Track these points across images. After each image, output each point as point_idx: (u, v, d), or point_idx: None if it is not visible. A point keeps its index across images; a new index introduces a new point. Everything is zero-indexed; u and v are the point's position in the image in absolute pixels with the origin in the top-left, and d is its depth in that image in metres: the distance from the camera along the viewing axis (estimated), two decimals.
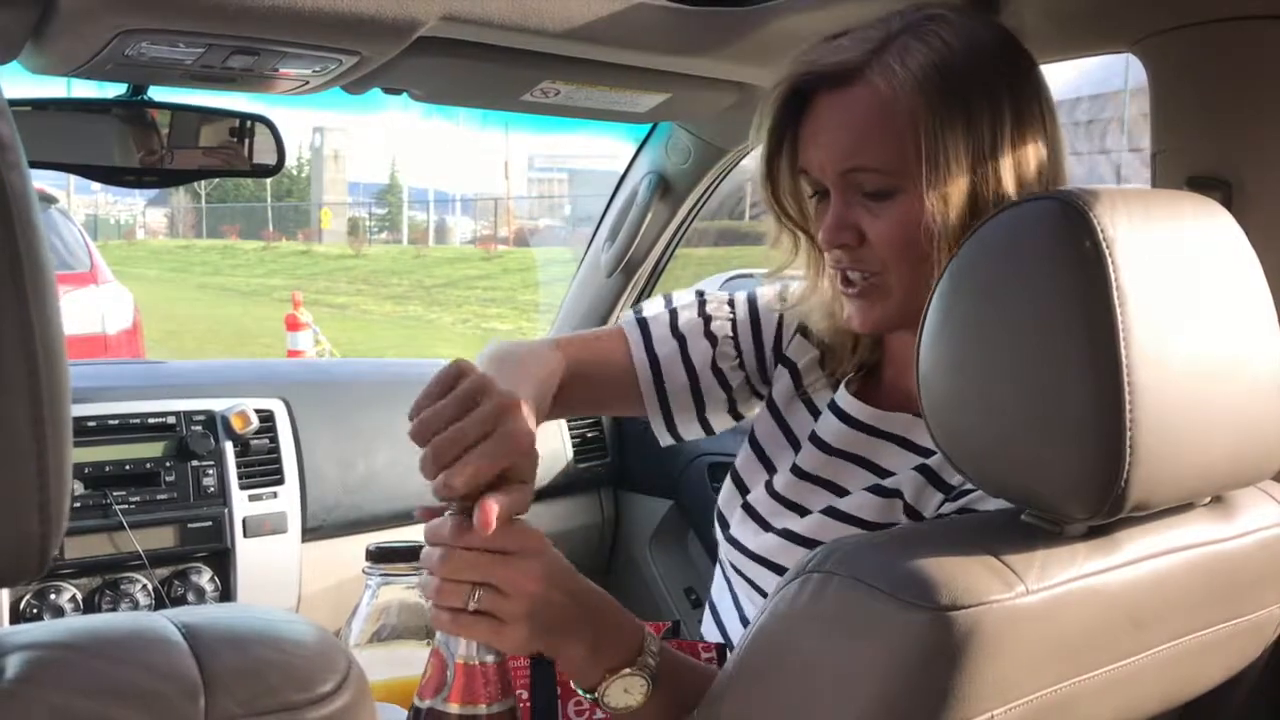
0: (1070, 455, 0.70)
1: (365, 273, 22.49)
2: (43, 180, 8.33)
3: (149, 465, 1.58)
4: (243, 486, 1.63)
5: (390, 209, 35.26)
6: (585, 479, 2.02)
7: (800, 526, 1.01)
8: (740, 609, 1.09)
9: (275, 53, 1.18)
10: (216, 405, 1.65)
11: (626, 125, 1.80)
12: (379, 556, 0.98)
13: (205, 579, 1.59)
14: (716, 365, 1.15)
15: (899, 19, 0.94)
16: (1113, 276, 0.68)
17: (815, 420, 1.08)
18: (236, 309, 16.60)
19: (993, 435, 0.74)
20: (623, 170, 1.96)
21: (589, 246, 2.04)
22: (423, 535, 0.83)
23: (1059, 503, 0.72)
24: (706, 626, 1.14)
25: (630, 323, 1.17)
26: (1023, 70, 0.94)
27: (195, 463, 1.60)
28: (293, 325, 9.68)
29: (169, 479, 1.58)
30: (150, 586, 1.56)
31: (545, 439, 1.97)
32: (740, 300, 1.19)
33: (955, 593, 0.66)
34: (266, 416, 1.68)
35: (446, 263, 23.59)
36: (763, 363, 1.16)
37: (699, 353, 1.14)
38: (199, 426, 1.62)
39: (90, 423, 1.55)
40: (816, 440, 1.06)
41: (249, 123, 1.44)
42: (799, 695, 0.72)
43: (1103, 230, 0.69)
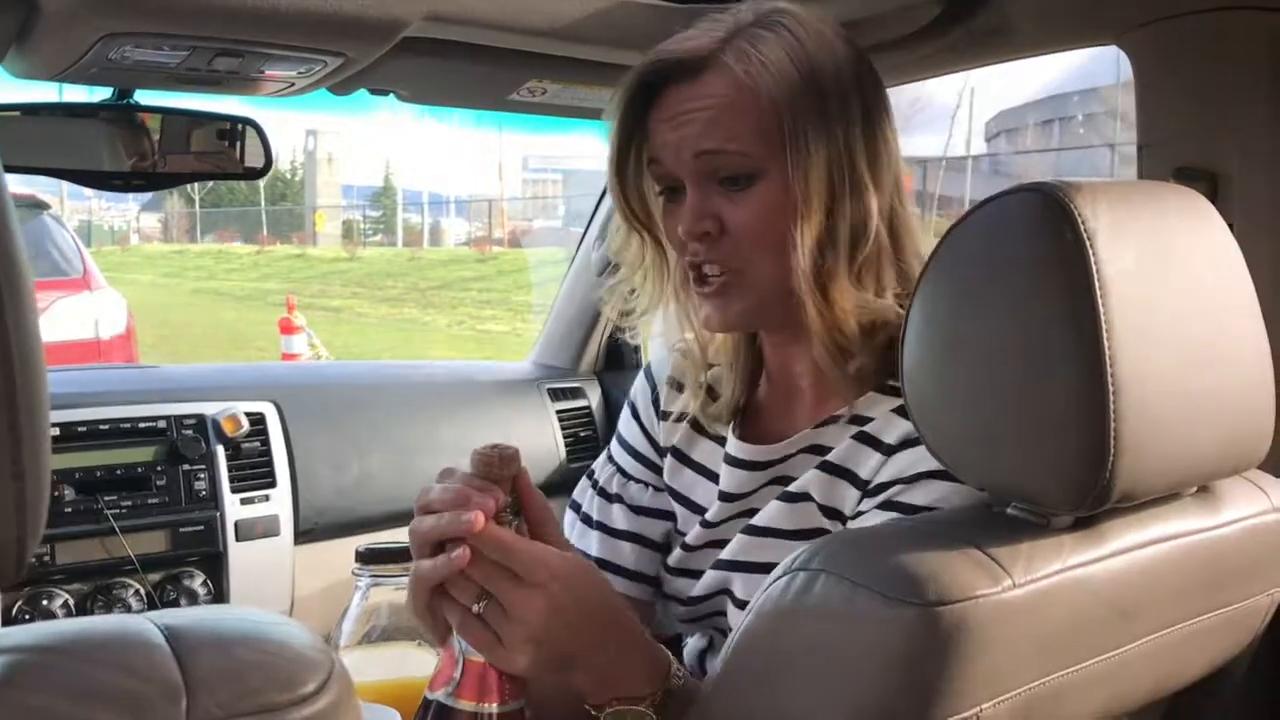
0: (1055, 447, 0.70)
1: (360, 276, 22.46)
2: (35, 186, 8.33)
3: (140, 470, 1.57)
4: (234, 490, 1.62)
5: (385, 211, 35.21)
6: (578, 478, 2.01)
7: (725, 553, 1.00)
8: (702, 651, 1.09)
9: (260, 55, 1.18)
10: (207, 409, 1.65)
11: None
12: (369, 558, 0.98)
13: (198, 583, 1.59)
14: (644, 507, 1.12)
15: (748, 11, 0.95)
16: (1094, 268, 0.68)
17: (722, 446, 1.05)
18: (231, 313, 16.58)
19: (977, 429, 0.74)
20: None
21: (579, 245, 2.04)
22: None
23: (1044, 495, 0.72)
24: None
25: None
26: (864, 60, 0.96)
27: (186, 466, 1.60)
28: (287, 329, 9.67)
29: (160, 483, 1.58)
30: (142, 591, 1.55)
31: (538, 438, 1.98)
32: (624, 419, 1.17)
33: (942, 588, 0.66)
34: (257, 420, 1.67)
35: (441, 265, 23.55)
36: (657, 447, 1.13)
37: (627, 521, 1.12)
38: (190, 430, 1.62)
39: (80, 428, 1.55)
40: (724, 496, 1.03)
41: (237, 125, 1.44)
42: (787, 693, 0.72)
43: (1084, 222, 0.69)
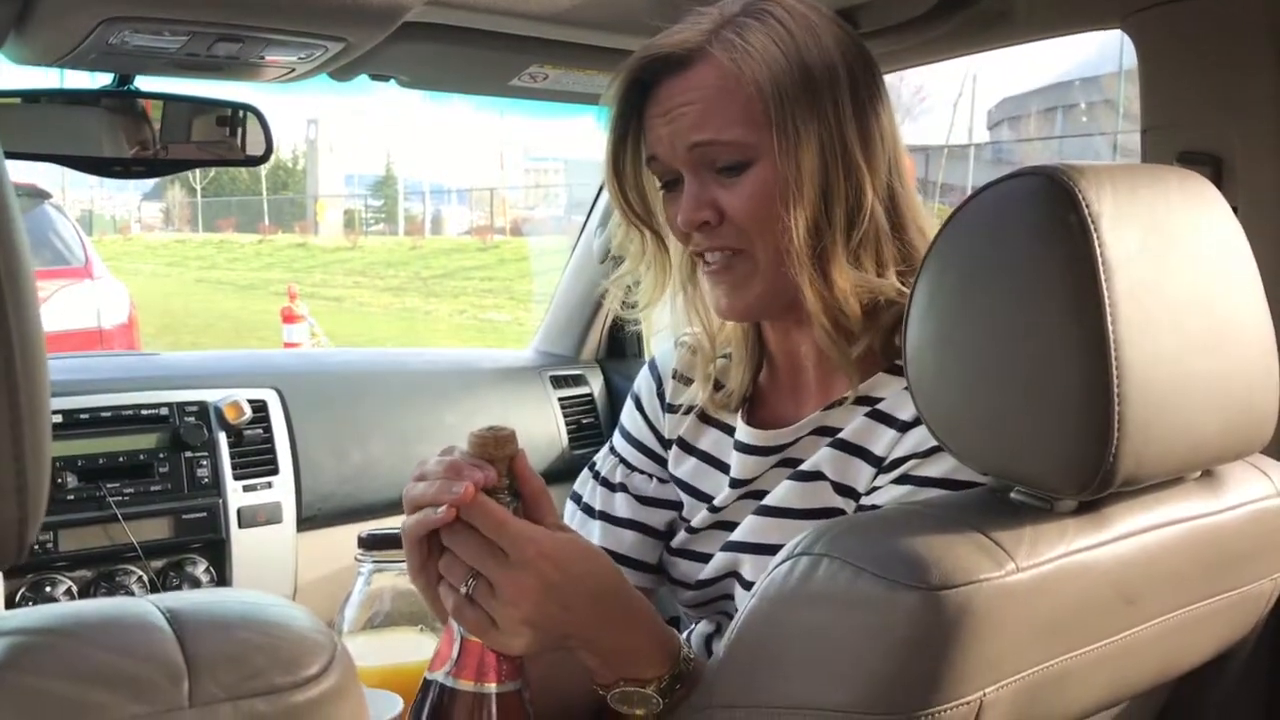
0: (1058, 431, 0.70)
1: (362, 265, 22.47)
2: (37, 175, 8.32)
3: (143, 457, 1.57)
4: (237, 477, 1.63)
5: (386, 200, 35.19)
6: (581, 465, 2.02)
7: (735, 535, 1.00)
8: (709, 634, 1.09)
9: (260, 40, 1.17)
10: (209, 396, 1.65)
11: None
12: (371, 544, 0.98)
13: (200, 570, 1.59)
14: (649, 498, 1.12)
15: (734, 2, 0.96)
16: (1099, 251, 0.68)
17: (731, 435, 1.05)
18: (233, 303, 16.59)
19: (981, 412, 0.73)
20: None
21: (580, 233, 2.04)
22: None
23: (1048, 479, 0.72)
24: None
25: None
26: (855, 44, 0.96)
27: (189, 454, 1.60)
28: (288, 318, 9.67)
29: (163, 470, 1.58)
30: (145, 578, 1.56)
31: (541, 425, 1.98)
32: (627, 411, 1.17)
33: (945, 572, 0.66)
34: (260, 407, 1.67)
35: (443, 254, 23.56)
36: (661, 438, 1.13)
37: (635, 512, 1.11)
38: (192, 417, 1.62)
39: (83, 415, 1.55)
40: (735, 483, 1.03)
41: (238, 112, 1.43)
42: (789, 677, 0.72)
43: (1088, 205, 0.68)
